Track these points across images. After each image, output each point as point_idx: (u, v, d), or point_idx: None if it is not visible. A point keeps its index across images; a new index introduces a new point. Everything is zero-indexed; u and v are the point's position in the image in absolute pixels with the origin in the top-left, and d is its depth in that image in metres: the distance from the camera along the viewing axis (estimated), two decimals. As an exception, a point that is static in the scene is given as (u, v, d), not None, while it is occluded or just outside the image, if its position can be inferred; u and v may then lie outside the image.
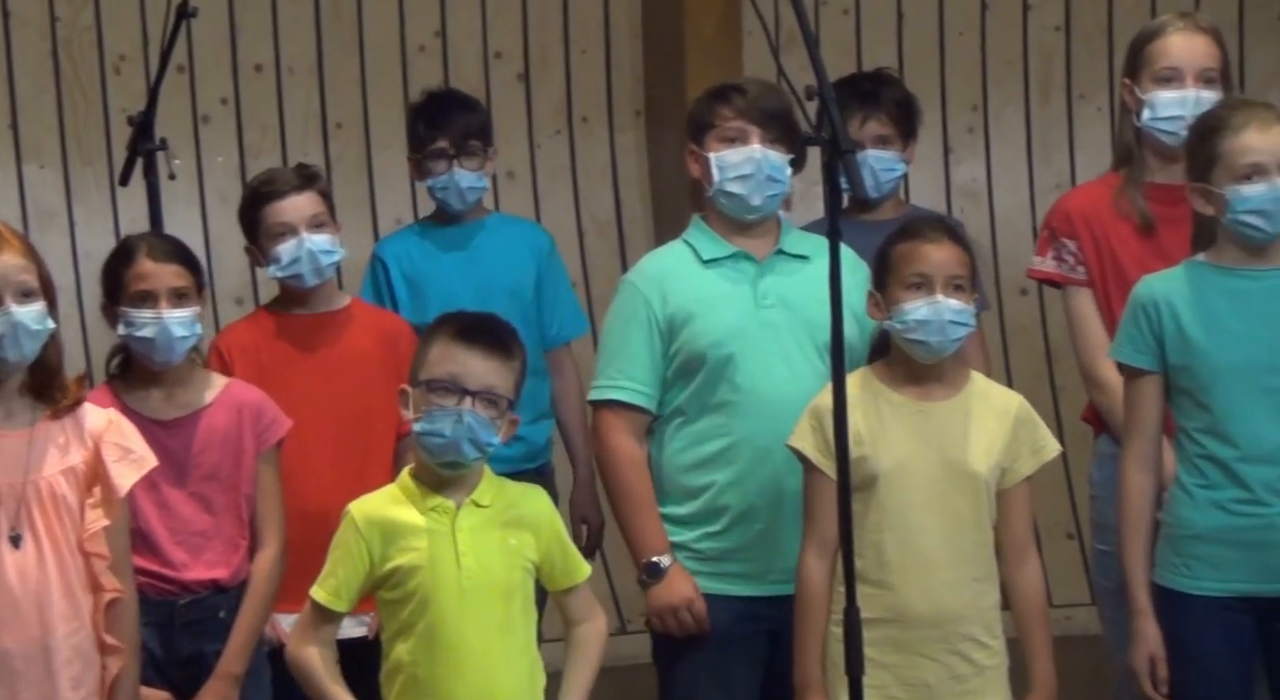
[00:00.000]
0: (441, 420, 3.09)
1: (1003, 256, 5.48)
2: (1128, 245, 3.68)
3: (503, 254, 4.17)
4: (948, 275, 3.26)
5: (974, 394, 3.31)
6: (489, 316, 3.25)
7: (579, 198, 5.39)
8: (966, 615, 3.24)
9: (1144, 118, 3.68)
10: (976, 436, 3.27)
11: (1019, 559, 3.30)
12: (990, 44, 5.47)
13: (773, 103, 3.57)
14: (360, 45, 5.22)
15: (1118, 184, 3.73)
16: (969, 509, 3.26)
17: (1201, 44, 3.70)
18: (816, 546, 3.28)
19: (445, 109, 4.19)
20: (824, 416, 3.27)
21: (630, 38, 5.35)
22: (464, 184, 4.14)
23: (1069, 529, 5.42)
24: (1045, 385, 5.46)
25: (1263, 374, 3.31)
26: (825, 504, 3.26)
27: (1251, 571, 3.31)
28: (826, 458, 3.26)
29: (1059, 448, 3.34)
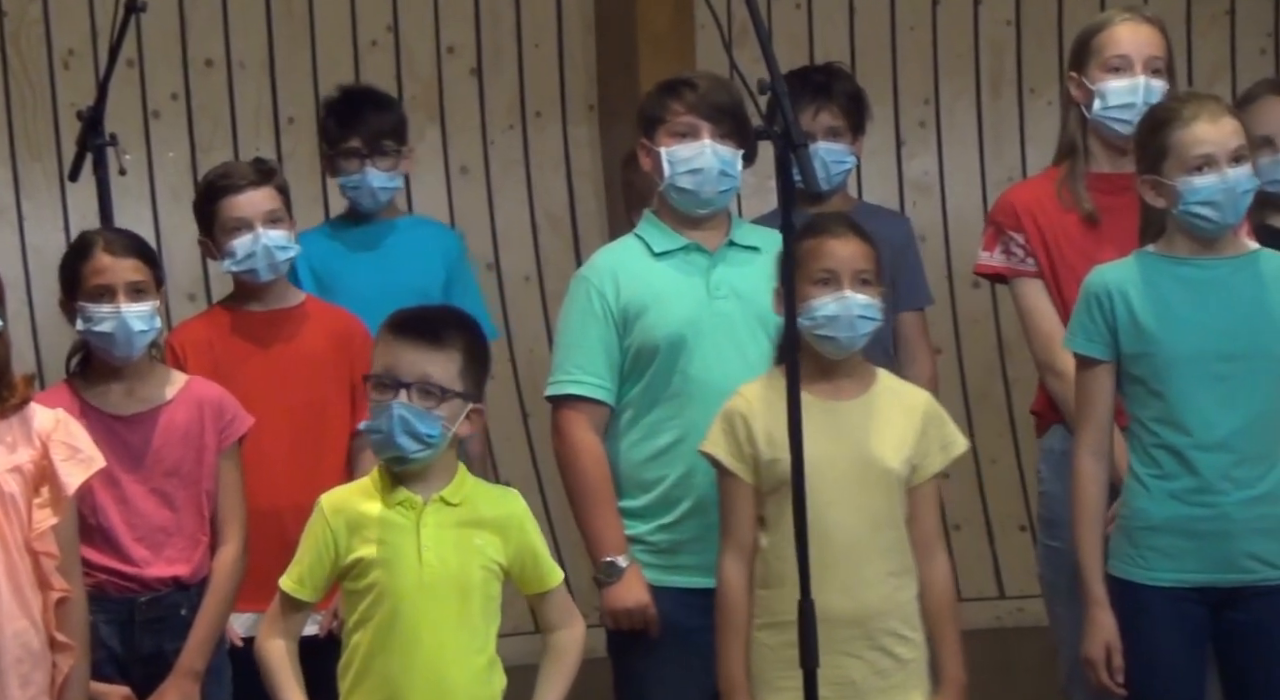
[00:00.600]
0: (378, 414, 3.10)
1: (954, 249, 5.51)
2: (1073, 237, 3.71)
3: (413, 256, 4.17)
4: (854, 270, 3.28)
5: (883, 391, 3.33)
6: (432, 307, 3.25)
7: (532, 192, 5.39)
8: (887, 610, 3.26)
9: (1095, 109, 3.70)
10: (888, 433, 3.29)
11: (928, 555, 3.32)
12: (941, 38, 5.49)
13: (723, 97, 3.58)
14: (312, 40, 5.20)
15: (1060, 176, 3.75)
16: (884, 505, 3.27)
17: (1148, 34, 3.72)
18: (734, 551, 3.29)
19: (358, 107, 4.17)
20: (735, 420, 3.29)
21: (583, 32, 5.35)
22: (376, 184, 4.13)
23: (1021, 521, 5.45)
24: (998, 378, 5.49)
25: (1214, 362, 3.33)
26: (741, 508, 3.27)
27: (1205, 562, 3.34)
28: (740, 461, 3.28)
29: (967, 444, 3.36)
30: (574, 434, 3.56)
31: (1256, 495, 3.32)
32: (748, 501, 3.27)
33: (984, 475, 5.48)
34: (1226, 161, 3.33)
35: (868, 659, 3.25)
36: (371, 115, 4.14)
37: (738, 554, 3.28)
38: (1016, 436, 5.47)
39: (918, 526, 3.31)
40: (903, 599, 3.29)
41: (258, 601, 3.62)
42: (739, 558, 3.28)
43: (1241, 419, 3.33)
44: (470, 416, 3.14)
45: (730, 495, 3.30)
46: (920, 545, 3.31)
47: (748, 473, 3.28)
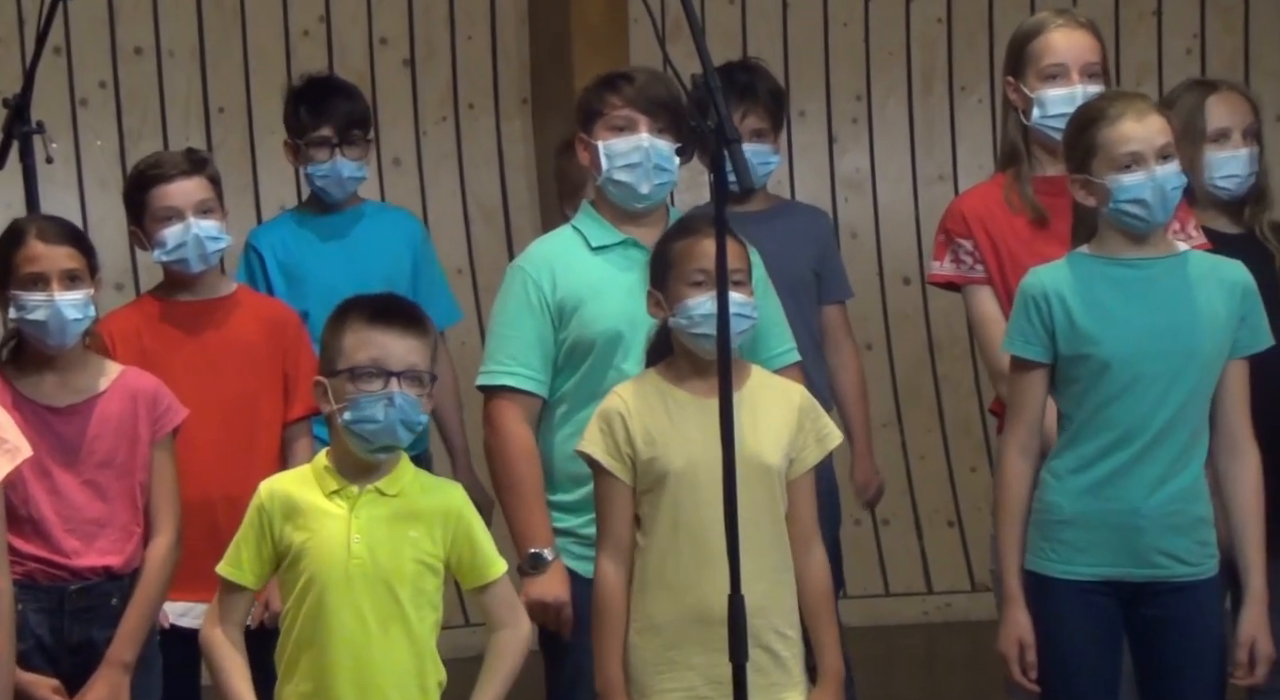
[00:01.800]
0: (371, 406, 3.07)
1: (886, 246, 5.54)
2: (1024, 239, 3.72)
3: (380, 243, 4.16)
4: (729, 270, 3.25)
5: (757, 386, 3.31)
6: (395, 297, 3.23)
7: (465, 185, 5.38)
8: (767, 606, 3.24)
9: (1034, 117, 3.72)
10: (765, 428, 3.28)
11: (806, 548, 3.31)
12: (873, 35, 5.52)
13: (661, 91, 3.58)
14: (243, 29, 5.16)
15: (1007, 181, 3.78)
16: (764, 501, 3.26)
17: (1083, 39, 3.74)
18: (611, 550, 3.27)
19: (328, 95, 4.16)
20: (612, 419, 3.28)
21: (517, 25, 5.34)
22: (346, 173, 4.12)
23: (949, 517, 5.49)
24: (928, 374, 5.53)
25: (1148, 361, 3.36)
26: (618, 508, 3.26)
27: (1116, 555, 3.36)
28: (616, 460, 3.26)
29: (841, 436, 3.36)
30: (505, 425, 3.54)
31: (1171, 492, 3.35)
32: (625, 501, 3.25)
33: (913, 471, 5.52)
34: (1154, 159, 3.36)
35: (750, 657, 3.22)
36: (342, 103, 4.13)
37: (615, 554, 3.27)
38: (945, 432, 5.51)
39: (795, 520, 3.30)
40: (783, 596, 3.28)
41: (189, 591, 3.60)
42: (616, 558, 3.26)
43: (1167, 417, 3.36)
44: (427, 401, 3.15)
45: (607, 495, 3.28)
46: (798, 539, 3.30)
47: (625, 472, 3.26)
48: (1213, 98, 3.80)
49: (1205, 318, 3.37)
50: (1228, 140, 3.79)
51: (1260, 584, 3.40)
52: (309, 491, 3.12)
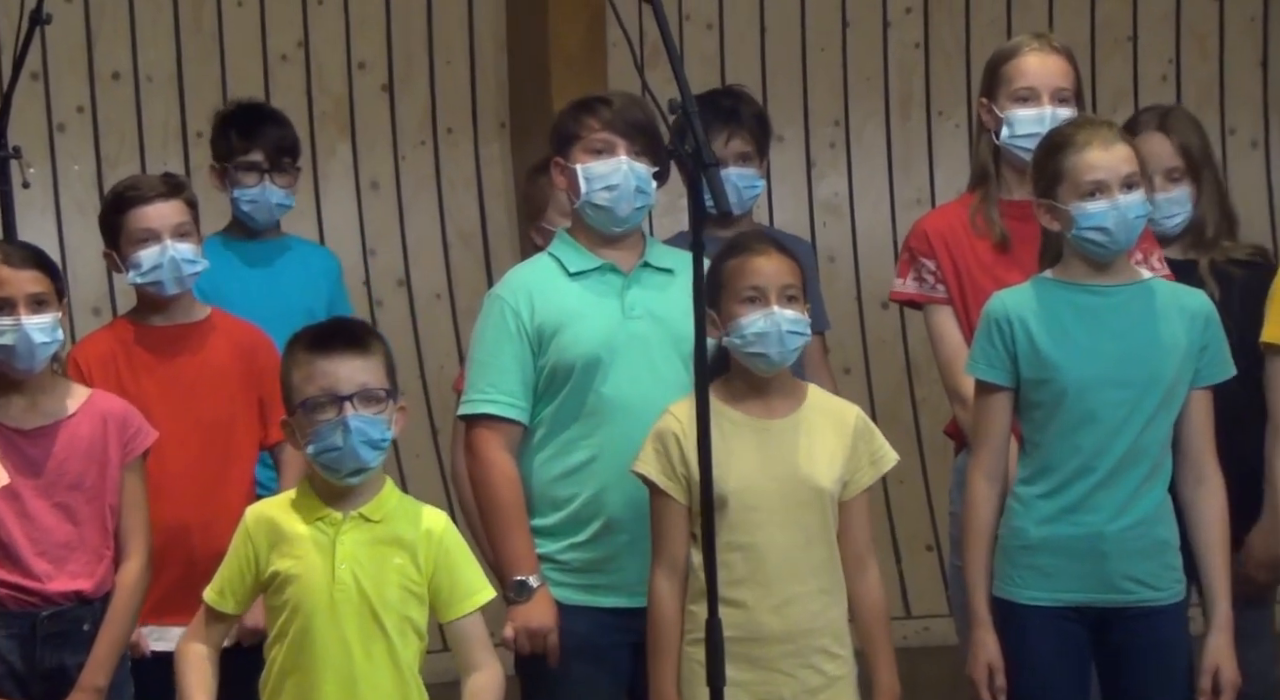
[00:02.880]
0: (329, 434, 3.08)
1: (864, 270, 5.56)
2: (985, 262, 3.74)
3: (302, 276, 4.18)
4: (780, 286, 3.29)
5: (813, 407, 3.34)
6: (337, 319, 3.24)
7: (444, 209, 5.38)
8: (817, 627, 3.28)
9: (1003, 136, 3.74)
10: (819, 450, 3.30)
11: (860, 569, 3.34)
12: (851, 60, 5.54)
13: (639, 115, 3.58)
14: (221, 54, 5.17)
15: (973, 202, 3.79)
16: (816, 523, 3.29)
17: (1056, 64, 3.77)
18: (666, 569, 3.30)
19: (260, 121, 4.17)
20: (667, 439, 3.30)
21: (495, 50, 5.35)
22: (274, 200, 4.14)
23: (928, 541, 5.50)
24: (906, 398, 5.53)
25: (1110, 388, 3.38)
26: (674, 527, 3.28)
27: (1082, 581, 3.37)
28: (672, 481, 3.28)
29: (896, 457, 3.39)
30: (487, 453, 3.54)
31: (1136, 518, 3.36)
32: (680, 520, 3.27)
33: (891, 495, 5.52)
34: (1119, 187, 3.37)
35: (798, 676, 3.26)
36: (273, 130, 4.15)
37: (670, 572, 3.29)
38: (924, 457, 5.51)
39: (849, 541, 3.33)
40: (833, 616, 3.31)
41: (162, 616, 3.59)
42: (671, 576, 3.29)
43: (1128, 443, 3.37)
44: (397, 416, 3.14)
45: (662, 514, 3.30)
46: (851, 559, 3.33)
47: (680, 492, 3.28)
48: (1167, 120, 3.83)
49: (1167, 346, 3.39)
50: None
51: (1225, 611, 3.41)
52: (293, 518, 3.12)
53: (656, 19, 3.15)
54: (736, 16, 5.47)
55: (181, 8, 5.14)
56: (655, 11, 3.12)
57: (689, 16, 5.43)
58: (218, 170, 4.15)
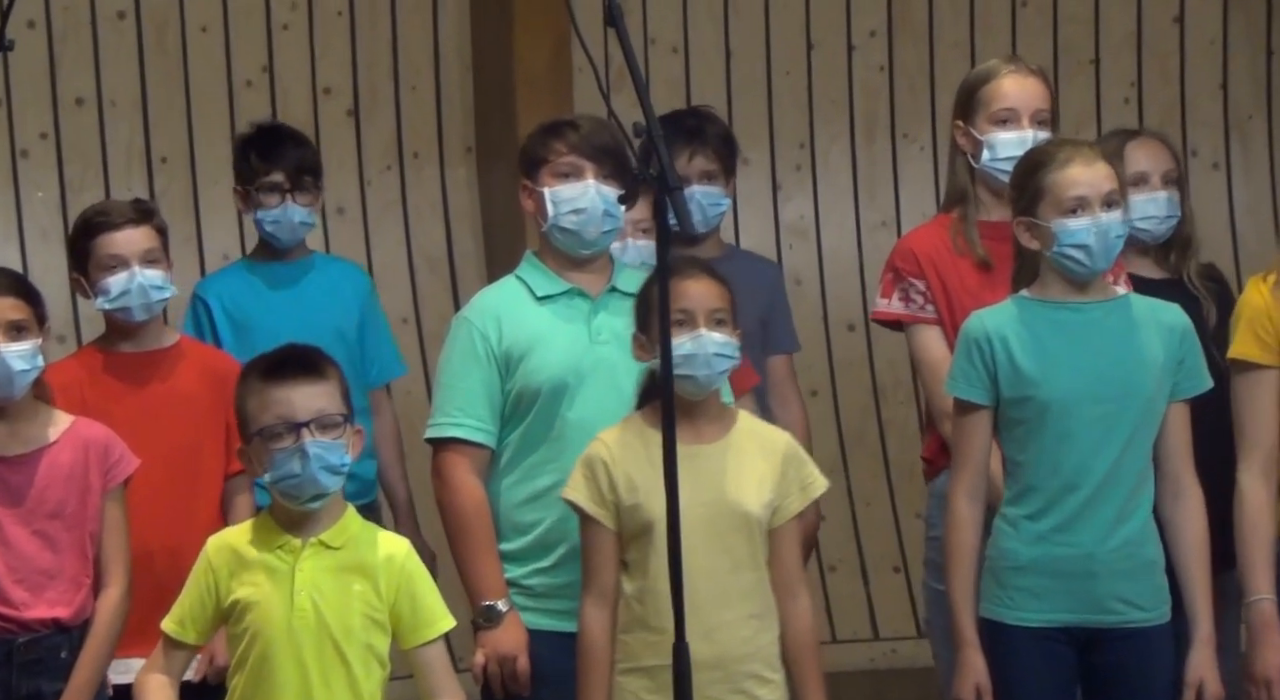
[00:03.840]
0: (287, 462, 3.07)
1: (830, 292, 5.56)
2: (967, 283, 3.75)
3: (329, 294, 4.17)
4: (709, 309, 3.29)
5: (742, 433, 3.34)
6: (286, 347, 3.21)
7: (410, 234, 5.37)
8: (748, 653, 3.27)
9: (984, 159, 3.75)
10: (748, 475, 3.30)
11: (790, 596, 3.33)
12: (816, 83, 5.55)
13: (606, 138, 3.59)
14: (185, 79, 5.15)
15: (953, 223, 3.80)
16: (745, 548, 3.28)
17: (1034, 86, 3.79)
18: (596, 597, 3.29)
19: (279, 142, 4.19)
20: (596, 466, 3.29)
21: (460, 74, 5.35)
22: (296, 219, 4.14)
23: (896, 563, 5.50)
24: (873, 420, 5.54)
25: (1089, 405, 3.39)
26: (603, 554, 3.27)
27: (1071, 602, 3.38)
28: (601, 507, 3.28)
29: (826, 484, 3.39)
30: (455, 477, 3.53)
31: (1123, 537, 3.37)
32: (610, 547, 3.27)
33: (859, 517, 5.53)
34: (1099, 205, 3.39)
35: None
36: (293, 150, 4.16)
37: (599, 600, 3.28)
38: (890, 479, 5.52)
39: (779, 567, 3.32)
40: (764, 641, 3.30)
41: (128, 646, 3.56)
42: (601, 604, 3.28)
43: (1112, 461, 3.38)
44: (354, 440, 3.13)
45: (592, 541, 3.29)
46: (781, 586, 3.32)
47: (609, 519, 3.27)
48: (1132, 144, 3.86)
49: (1145, 361, 3.40)
50: (1146, 184, 3.84)
51: (1208, 627, 3.42)
52: (254, 545, 3.10)
53: (621, 43, 3.15)
54: (701, 40, 5.48)
55: (145, 33, 5.12)
56: (619, 36, 3.13)
57: (654, 40, 5.44)
58: (240, 193, 4.16)
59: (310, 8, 5.21)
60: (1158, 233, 3.84)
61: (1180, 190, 3.89)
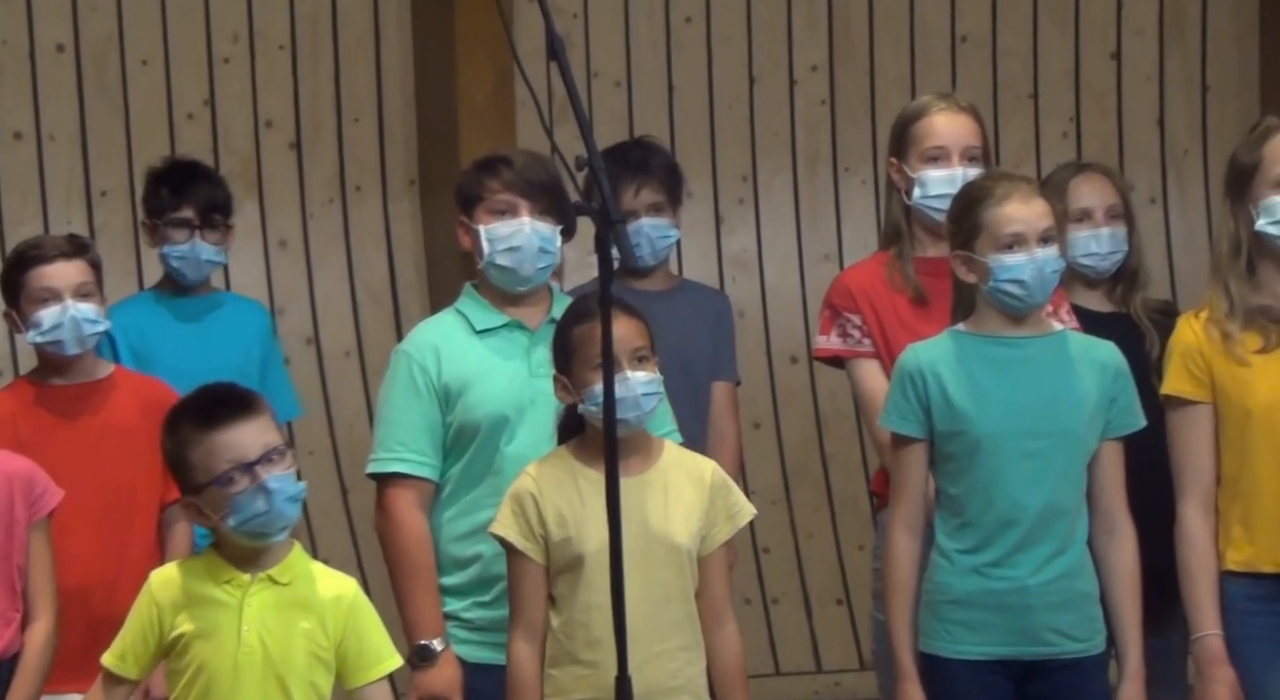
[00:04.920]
0: (251, 502, 3.04)
1: (773, 325, 5.58)
2: (903, 318, 3.77)
3: (233, 332, 4.17)
4: (631, 349, 3.27)
5: (669, 464, 3.33)
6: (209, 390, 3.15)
7: (353, 266, 5.36)
8: (678, 685, 3.26)
9: (915, 196, 3.78)
10: (676, 507, 3.29)
11: (718, 624, 3.33)
12: (758, 117, 5.58)
13: (540, 174, 3.59)
14: (125, 112, 5.14)
15: (889, 260, 3.83)
16: (674, 580, 3.28)
17: (964, 123, 3.81)
18: (525, 632, 3.27)
19: (191, 178, 4.19)
20: (524, 500, 3.28)
21: (403, 107, 5.35)
22: (204, 256, 4.14)
23: (838, 595, 5.50)
24: (816, 453, 5.55)
25: (1022, 439, 3.40)
26: (531, 589, 3.26)
27: (1007, 634, 3.39)
28: (530, 542, 3.27)
29: (754, 511, 3.38)
30: (398, 512, 3.52)
31: (1058, 571, 3.39)
32: (538, 582, 3.26)
33: (801, 549, 5.53)
34: (1036, 241, 3.41)
35: None
36: (204, 187, 4.16)
37: (529, 635, 3.27)
38: (834, 511, 5.53)
39: (707, 596, 3.32)
40: (693, 674, 3.30)
41: (64, 681, 3.53)
42: (530, 639, 3.27)
43: (1046, 496, 3.40)
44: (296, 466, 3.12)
45: (520, 575, 3.28)
46: (710, 615, 3.32)
47: (538, 553, 3.27)
48: (1077, 179, 3.89)
49: (1078, 398, 3.42)
50: (1089, 220, 3.87)
51: (1137, 661, 3.44)
52: (201, 580, 3.08)
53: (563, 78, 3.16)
54: (644, 73, 5.50)
55: (85, 66, 5.11)
56: (561, 70, 3.14)
57: (597, 73, 5.46)
58: (149, 226, 4.15)
59: (252, 41, 5.21)
60: (1101, 268, 3.87)
61: (1128, 224, 3.91)
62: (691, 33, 5.51)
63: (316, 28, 5.26)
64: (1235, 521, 3.46)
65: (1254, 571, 3.44)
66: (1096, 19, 5.64)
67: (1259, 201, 3.46)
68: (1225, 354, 3.45)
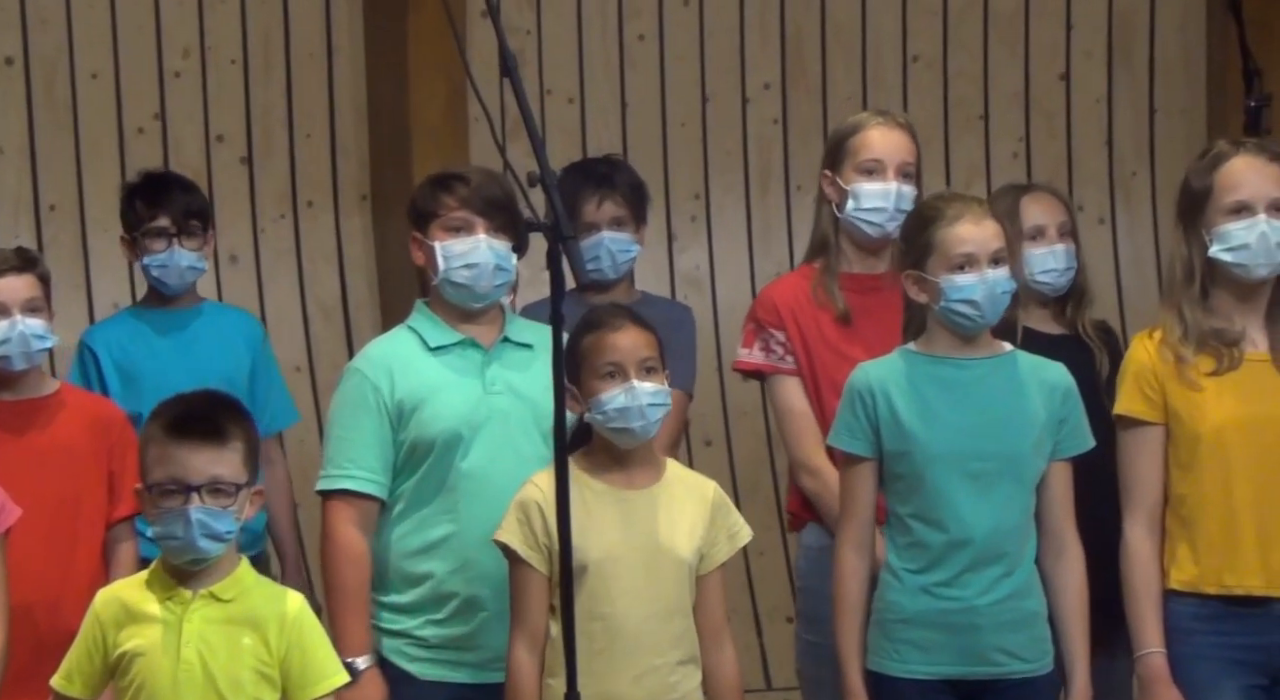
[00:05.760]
0: (171, 523, 3.04)
1: (725, 342, 5.59)
2: (826, 335, 3.78)
3: (219, 342, 4.15)
4: (639, 359, 3.31)
5: (674, 479, 3.37)
6: (201, 399, 3.16)
7: (304, 282, 5.34)
8: (675, 699, 3.28)
9: (848, 209, 3.79)
10: (680, 521, 3.32)
11: (717, 643, 3.36)
12: (711, 135, 5.60)
13: (496, 191, 3.60)
14: (75, 126, 5.11)
15: (815, 274, 3.84)
16: (675, 594, 3.31)
17: (900, 139, 3.83)
18: (525, 639, 3.29)
19: (166, 187, 4.17)
20: (530, 509, 3.30)
21: (356, 123, 5.34)
22: (184, 263, 4.12)
23: (789, 613, 5.51)
24: (766, 469, 5.56)
25: (971, 460, 3.42)
26: (534, 597, 3.28)
27: (956, 654, 3.40)
28: (534, 551, 3.28)
29: (751, 534, 3.41)
30: (338, 529, 3.52)
31: (1006, 591, 3.41)
32: (540, 590, 3.28)
33: (752, 567, 5.54)
34: (987, 262, 3.43)
35: None
36: (179, 195, 4.15)
37: (529, 642, 3.28)
38: (784, 528, 5.54)
39: (705, 615, 3.35)
40: (689, 689, 3.32)
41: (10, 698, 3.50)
42: (530, 646, 3.28)
43: (994, 516, 3.41)
44: (252, 499, 3.10)
45: (523, 584, 3.30)
46: (708, 633, 3.35)
47: (542, 562, 3.28)
48: (1027, 198, 3.91)
49: (1026, 419, 3.44)
50: (1043, 237, 3.89)
51: (1084, 681, 3.46)
52: (144, 597, 3.07)
53: (516, 95, 3.16)
54: (598, 91, 5.51)
55: (34, 79, 5.08)
56: (514, 87, 3.14)
57: (550, 91, 5.46)
58: (127, 241, 4.14)
59: (203, 55, 5.19)
60: (1058, 285, 3.89)
61: (1075, 242, 3.95)
62: (645, 51, 5.52)
63: (268, 42, 5.24)
64: (1181, 542, 3.48)
65: (1198, 592, 3.46)
66: (1046, 41, 5.69)
67: (1212, 228, 3.48)
68: (1178, 377, 3.47)
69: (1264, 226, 3.44)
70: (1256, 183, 3.47)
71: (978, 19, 5.64)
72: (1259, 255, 3.45)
